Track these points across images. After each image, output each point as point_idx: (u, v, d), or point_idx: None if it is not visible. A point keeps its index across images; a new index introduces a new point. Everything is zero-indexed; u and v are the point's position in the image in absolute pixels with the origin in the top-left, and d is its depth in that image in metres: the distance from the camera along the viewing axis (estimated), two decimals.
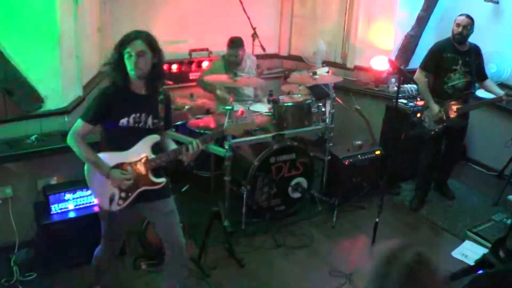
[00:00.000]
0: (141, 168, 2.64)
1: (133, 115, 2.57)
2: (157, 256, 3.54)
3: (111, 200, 2.61)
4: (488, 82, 4.38)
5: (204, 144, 2.71)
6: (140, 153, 2.63)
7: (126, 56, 2.50)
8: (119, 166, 2.61)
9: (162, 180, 2.71)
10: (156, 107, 2.64)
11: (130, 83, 2.57)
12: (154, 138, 2.65)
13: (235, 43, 4.64)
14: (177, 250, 2.86)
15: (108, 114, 2.55)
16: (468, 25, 4.11)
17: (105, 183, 2.63)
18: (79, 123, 2.59)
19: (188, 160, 2.68)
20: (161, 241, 3.50)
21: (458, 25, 4.13)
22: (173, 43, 5.00)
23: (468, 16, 4.13)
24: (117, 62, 2.53)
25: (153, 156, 2.65)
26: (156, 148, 2.68)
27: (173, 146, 2.77)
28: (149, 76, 2.57)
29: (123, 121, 2.55)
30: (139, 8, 4.84)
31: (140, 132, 2.61)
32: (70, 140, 2.60)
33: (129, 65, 2.50)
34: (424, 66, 4.35)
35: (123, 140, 2.60)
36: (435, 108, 4.23)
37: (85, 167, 2.70)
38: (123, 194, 2.65)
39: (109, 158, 2.61)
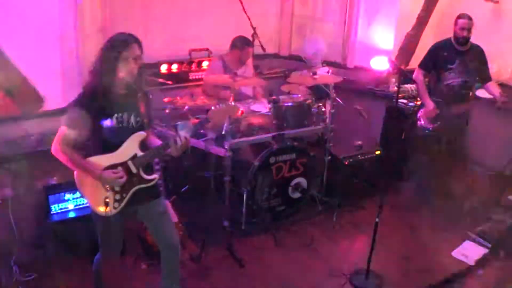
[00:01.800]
0: (132, 167, 2.63)
1: (115, 115, 2.56)
2: (157, 256, 3.54)
3: (106, 204, 2.60)
4: (491, 85, 4.31)
5: (188, 134, 2.68)
6: (128, 152, 2.63)
7: (120, 60, 2.49)
8: (110, 168, 2.60)
9: (154, 176, 2.72)
10: (137, 105, 2.64)
11: (112, 85, 2.56)
12: (140, 135, 2.65)
13: (249, 42, 4.63)
14: (172, 250, 2.87)
15: (89, 117, 2.53)
16: (471, 27, 4.11)
17: (97, 187, 2.61)
18: (61, 130, 2.56)
19: (176, 153, 2.65)
20: None
21: (462, 29, 4.11)
22: (173, 43, 5.01)
23: (469, 17, 4.13)
24: (113, 65, 2.50)
25: (141, 153, 2.65)
26: (144, 145, 2.69)
27: (157, 142, 2.77)
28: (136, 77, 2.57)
29: (106, 122, 2.55)
30: (139, 8, 4.84)
31: (125, 132, 2.61)
32: (54, 148, 2.57)
33: (125, 69, 2.50)
34: (422, 65, 4.38)
35: (109, 141, 2.59)
36: (430, 105, 4.24)
37: (75, 176, 2.67)
38: (117, 196, 2.64)
39: (98, 161, 2.60)
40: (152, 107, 2.79)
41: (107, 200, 2.60)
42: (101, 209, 2.62)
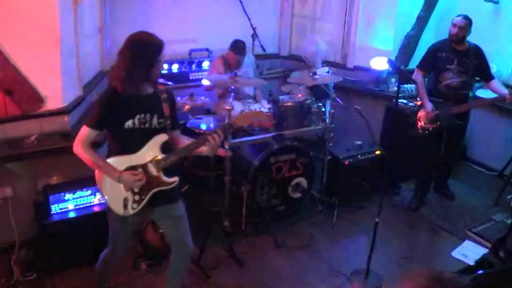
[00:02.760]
0: (152, 169, 2.61)
1: (137, 116, 2.54)
2: (156, 256, 3.54)
3: (125, 205, 2.60)
4: (494, 83, 4.34)
5: (224, 132, 2.67)
6: (149, 154, 2.61)
7: (156, 64, 2.50)
8: (130, 169, 2.58)
9: (175, 179, 2.68)
10: (160, 106, 2.61)
11: (141, 87, 2.56)
12: (162, 137, 2.62)
13: (243, 50, 4.64)
14: (184, 255, 2.87)
15: (112, 117, 2.52)
16: (464, 26, 4.10)
17: (117, 188, 2.60)
18: (83, 130, 2.55)
19: (210, 152, 2.64)
20: (160, 242, 3.52)
21: (454, 25, 4.14)
22: (173, 43, 5.00)
23: (465, 17, 4.13)
24: (147, 69, 2.49)
25: (162, 155, 2.62)
26: (166, 147, 2.65)
27: (185, 143, 2.72)
28: None
29: (129, 123, 2.53)
30: (139, 8, 4.84)
31: (147, 133, 2.58)
32: (76, 148, 2.56)
33: (157, 72, 2.53)
34: (421, 65, 4.39)
35: (131, 142, 2.57)
36: (428, 106, 4.24)
37: (96, 173, 2.66)
38: (136, 197, 2.63)
39: (118, 162, 2.58)
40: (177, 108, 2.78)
41: (126, 201, 2.60)
42: (119, 209, 2.62)
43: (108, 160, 2.59)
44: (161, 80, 4.69)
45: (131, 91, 2.52)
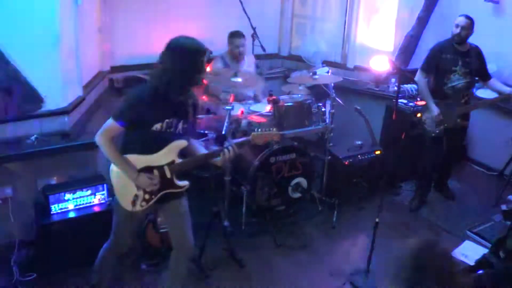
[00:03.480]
0: (167, 172, 2.64)
1: (166, 120, 2.55)
2: (157, 256, 3.54)
3: (134, 201, 2.62)
4: (493, 82, 4.35)
5: (240, 148, 2.72)
6: (167, 157, 2.62)
7: (202, 68, 2.53)
8: (146, 169, 2.60)
9: (185, 183, 2.73)
10: (187, 112, 2.64)
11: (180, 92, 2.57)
12: (182, 143, 2.64)
13: (240, 33, 4.67)
14: (185, 252, 2.87)
15: (145, 118, 2.51)
16: (467, 25, 4.10)
17: (129, 184, 2.61)
18: (110, 123, 2.53)
19: (224, 163, 2.73)
20: (160, 242, 3.52)
21: (456, 26, 4.13)
22: None
23: (468, 17, 4.12)
24: (195, 74, 2.52)
25: (180, 160, 2.65)
26: (183, 153, 2.69)
27: (202, 150, 2.77)
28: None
29: (157, 126, 2.53)
30: (139, 8, 4.84)
31: (170, 136, 2.60)
32: (99, 139, 2.53)
33: (202, 77, 2.56)
34: (424, 67, 4.35)
35: (152, 143, 2.58)
36: (434, 110, 4.22)
37: (111, 168, 2.67)
38: (146, 196, 2.65)
39: (135, 160, 2.59)
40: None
41: (136, 198, 2.62)
42: (128, 204, 2.64)
43: (126, 156, 2.60)
44: None
45: (170, 94, 2.52)
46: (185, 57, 2.49)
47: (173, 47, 2.52)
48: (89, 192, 3.49)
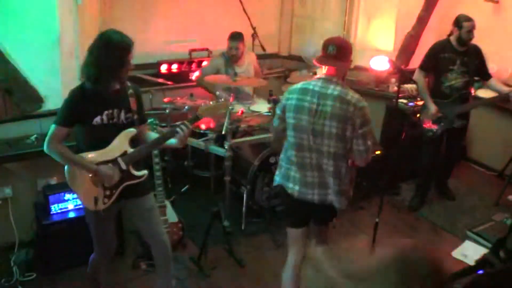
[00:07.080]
0: (121, 164, 2.62)
1: (105, 112, 2.57)
2: None
3: (96, 200, 2.61)
4: (493, 81, 4.36)
5: (192, 124, 2.72)
6: (119, 148, 2.62)
7: (125, 63, 2.53)
8: (101, 164, 2.60)
9: (144, 172, 2.71)
10: (127, 101, 2.64)
11: (110, 84, 2.58)
12: (130, 132, 2.64)
13: (235, 36, 4.66)
14: (162, 247, 2.86)
15: (81, 114, 2.54)
16: (474, 27, 4.12)
17: (88, 184, 2.61)
18: (54, 129, 2.55)
19: (179, 144, 2.67)
20: None
21: (469, 31, 4.10)
22: (173, 43, 5.01)
23: (471, 19, 4.12)
24: (118, 68, 2.52)
25: (132, 150, 2.65)
26: (135, 142, 2.68)
27: (154, 136, 2.78)
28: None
29: (97, 119, 2.55)
30: (139, 8, 4.84)
31: (116, 128, 2.61)
32: (47, 148, 2.56)
33: (126, 70, 2.55)
34: (423, 66, 4.36)
35: (100, 138, 2.59)
36: (432, 108, 4.23)
37: (66, 170, 2.67)
38: (107, 192, 2.64)
39: (89, 158, 2.59)
40: (144, 102, 2.80)
41: (97, 196, 2.61)
42: (91, 204, 2.63)
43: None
44: (160, 80, 4.74)
45: (99, 88, 2.54)
46: (108, 51, 2.51)
47: (99, 42, 2.55)
48: None
